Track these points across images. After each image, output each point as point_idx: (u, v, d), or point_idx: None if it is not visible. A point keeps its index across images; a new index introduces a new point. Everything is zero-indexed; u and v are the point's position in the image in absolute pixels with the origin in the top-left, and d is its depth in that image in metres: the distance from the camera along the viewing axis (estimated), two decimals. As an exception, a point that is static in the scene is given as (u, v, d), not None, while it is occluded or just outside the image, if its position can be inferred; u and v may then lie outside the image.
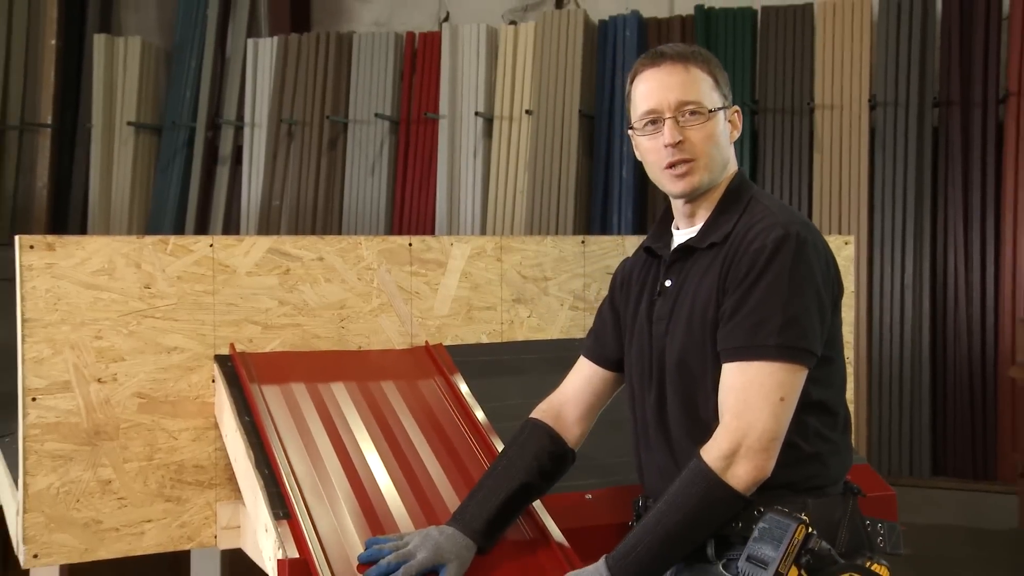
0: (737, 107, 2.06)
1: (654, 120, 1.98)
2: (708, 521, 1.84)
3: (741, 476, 1.80)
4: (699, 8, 6.45)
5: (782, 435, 1.83)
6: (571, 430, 2.15)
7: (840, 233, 5.83)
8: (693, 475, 1.83)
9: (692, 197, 2.00)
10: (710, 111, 1.97)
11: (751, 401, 1.81)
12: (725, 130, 2.01)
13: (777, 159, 6.15)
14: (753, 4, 6.40)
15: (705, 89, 1.98)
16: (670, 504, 1.83)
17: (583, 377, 2.19)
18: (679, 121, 1.96)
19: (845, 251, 3.22)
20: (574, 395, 2.18)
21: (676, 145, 1.95)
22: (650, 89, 1.99)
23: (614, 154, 6.43)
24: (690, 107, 1.96)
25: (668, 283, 2.01)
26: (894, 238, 5.99)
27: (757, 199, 1.99)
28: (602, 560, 1.84)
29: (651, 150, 2.00)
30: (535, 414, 2.16)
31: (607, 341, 2.17)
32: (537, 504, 2.17)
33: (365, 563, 1.96)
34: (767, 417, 1.81)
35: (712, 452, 1.82)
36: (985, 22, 5.96)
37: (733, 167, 2.04)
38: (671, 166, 1.97)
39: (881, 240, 6.01)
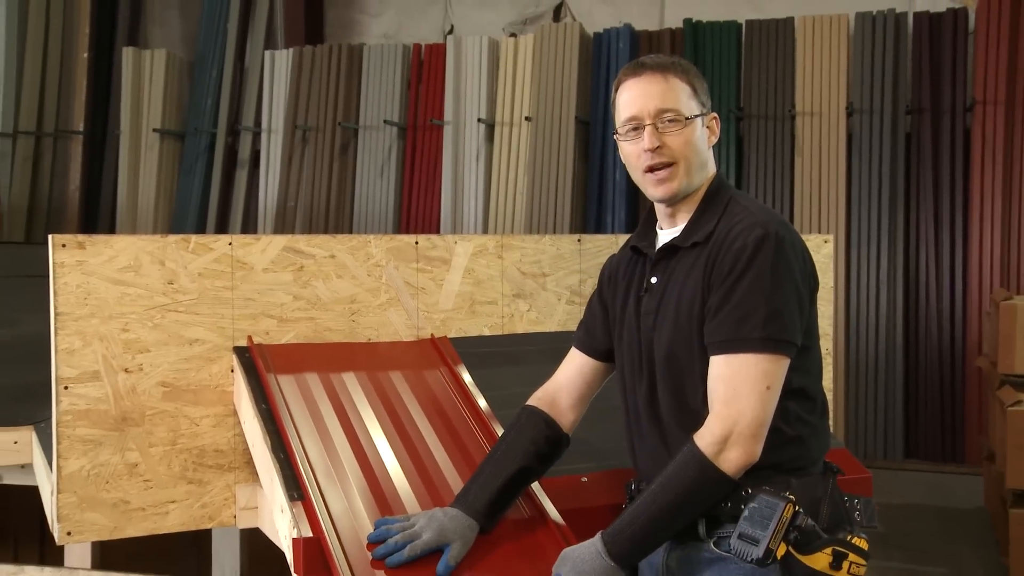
0: (715, 114, 2.05)
1: (636, 127, 1.97)
2: (699, 502, 1.83)
3: (732, 460, 1.80)
4: (688, 21, 6.44)
5: (769, 421, 1.82)
6: (565, 416, 2.14)
7: (820, 232, 5.83)
8: (687, 459, 1.82)
9: (672, 201, 1.99)
10: (687, 118, 1.96)
11: (740, 390, 1.81)
12: (703, 135, 1.99)
13: (761, 163, 6.14)
14: (738, 18, 6.39)
15: (683, 97, 1.97)
16: (664, 486, 1.82)
17: (575, 367, 2.18)
18: (658, 127, 1.95)
19: (824, 249, 3.21)
20: (567, 384, 2.17)
21: (655, 150, 1.94)
22: (632, 97, 1.98)
23: (608, 158, 6.43)
24: (669, 114, 1.95)
25: (654, 280, 2.00)
26: (870, 237, 5.99)
27: (736, 200, 1.98)
28: (598, 536, 1.84)
29: (633, 154, 1.99)
30: (531, 402, 2.16)
31: (597, 334, 2.16)
32: (536, 486, 2.17)
33: (374, 542, 1.96)
34: (755, 405, 1.80)
35: (705, 438, 1.81)
36: (953, 35, 5.97)
37: (712, 170, 2.03)
38: (651, 170, 1.96)
39: (858, 239, 6.02)
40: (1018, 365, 4.26)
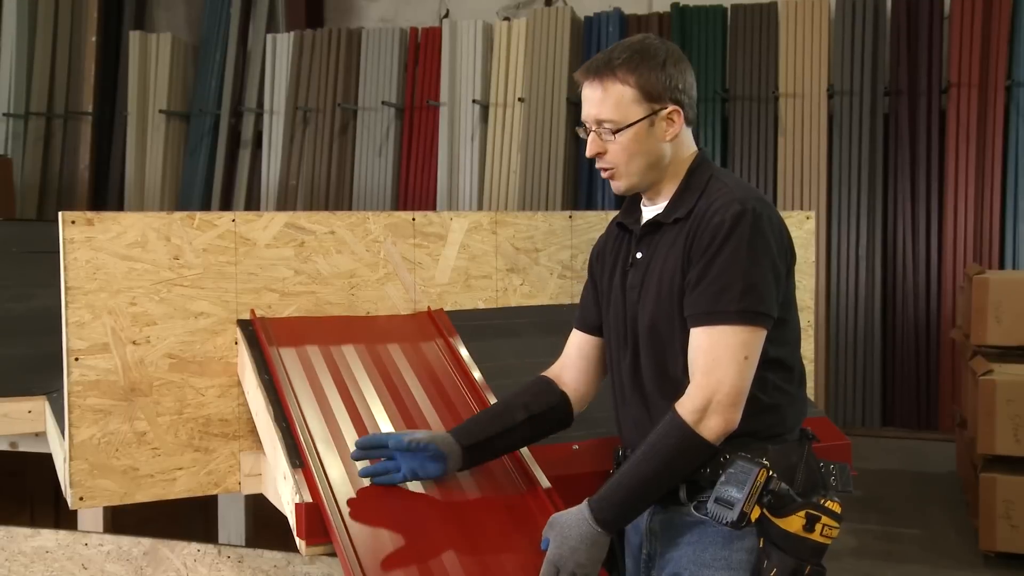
0: (676, 107, 1.93)
1: (586, 128, 1.97)
2: (681, 468, 1.83)
3: (712, 428, 1.80)
4: (675, 6, 6.41)
5: (747, 390, 1.82)
6: (572, 393, 2.13)
7: (802, 209, 5.82)
8: (669, 427, 1.82)
9: (628, 195, 2.00)
10: (624, 127, 1.91)
11: (719, 360, 1.81)
12: (650, 135, 1.92)
13: (745, 142, 6.13)
14: (723, 2, 6.36)
15: (622, 104, 1.90)
16: (647, 453, 1.83)
17: (574, 344, 2.17)
18: (601, 136, 1.93)
19: (807, 225, 3.20)
20: (568, 362, 2.16)
21: (598, 155, 1.94)
22: (583, 100, 1.97)
23: (598, 138, 6.41)
24: (606, 124, 1.92)
25: (639, 255, 2.00)
26: (850, 214, 6.00)
27: (717, 177, 1.95)
28: (585, 503, 1.84)
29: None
30: (545, 374, 2.16)
31: (590, 310, 2.16)
32: (527, 454, 2.17)
33: (363, 447, 2.02)
34: (734, 374, 1.80)
35: (686, 406, 1.81)
36: (929, 20, 5.97)
37: (687, 152, 1.97)
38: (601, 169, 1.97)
39: (838, 215, 6.03)
40: (990, 336, 4.27)
